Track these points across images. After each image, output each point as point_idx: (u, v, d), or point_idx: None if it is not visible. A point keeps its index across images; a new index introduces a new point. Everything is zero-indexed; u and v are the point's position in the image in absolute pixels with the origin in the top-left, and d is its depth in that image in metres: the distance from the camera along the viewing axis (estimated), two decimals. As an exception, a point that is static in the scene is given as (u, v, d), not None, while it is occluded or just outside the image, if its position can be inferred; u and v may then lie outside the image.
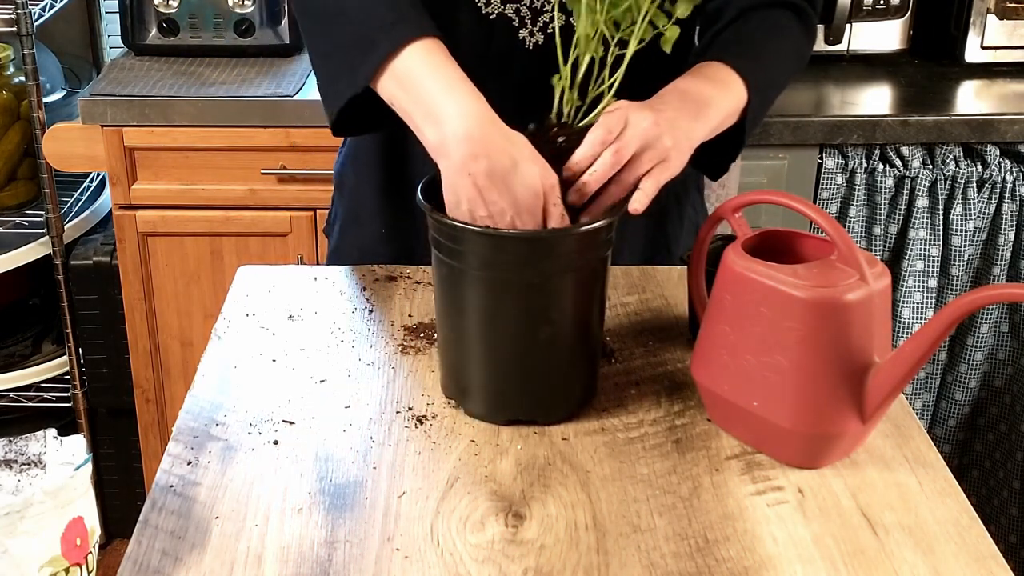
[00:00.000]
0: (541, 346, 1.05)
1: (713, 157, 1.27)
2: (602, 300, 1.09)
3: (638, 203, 1.06)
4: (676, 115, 1.10)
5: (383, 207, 1.39)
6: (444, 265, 1.05)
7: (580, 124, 1.06)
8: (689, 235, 1.44)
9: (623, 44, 1.06)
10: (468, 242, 1.02)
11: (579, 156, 1.04)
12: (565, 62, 1.06)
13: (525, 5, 1.24)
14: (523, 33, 1.25)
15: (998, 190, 2.08)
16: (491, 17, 1.24)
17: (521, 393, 1.07)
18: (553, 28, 1.25)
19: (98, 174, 2.47)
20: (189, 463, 1.02)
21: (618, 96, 1.08)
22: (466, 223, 1.02)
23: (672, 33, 1.04)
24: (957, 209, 2.07)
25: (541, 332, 1.04)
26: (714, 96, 1.17)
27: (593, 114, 1.07)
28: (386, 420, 1.08)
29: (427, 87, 1.05)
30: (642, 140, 1.06)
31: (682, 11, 1.04)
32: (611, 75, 1.06)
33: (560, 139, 1.04)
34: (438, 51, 1.07)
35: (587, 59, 1.05)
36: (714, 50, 1.23)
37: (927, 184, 2.06)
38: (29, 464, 0.96)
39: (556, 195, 1.03)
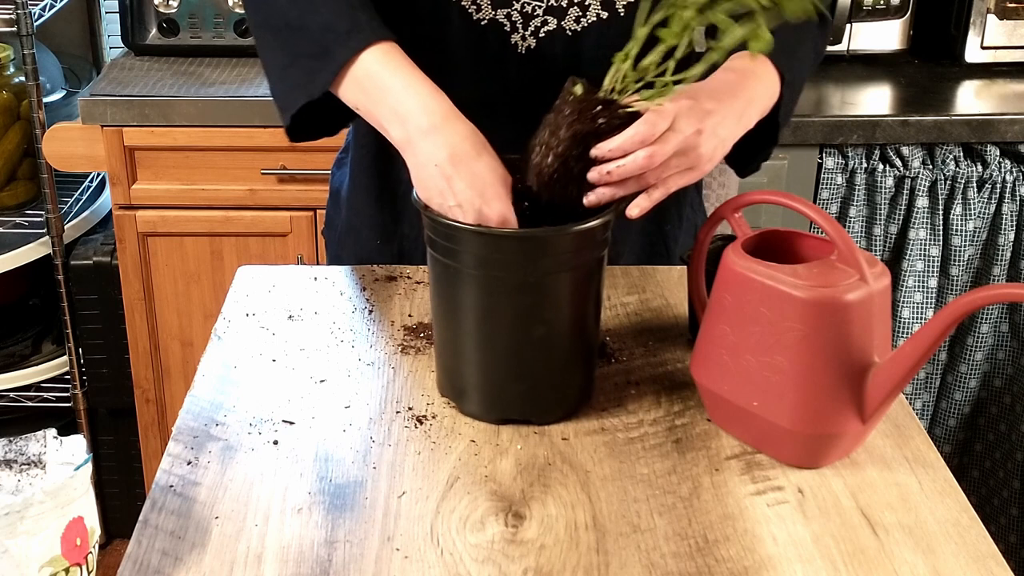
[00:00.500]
0: (536, 346, 1.05)
1: (744, 153, 1.26)
2: (598, 300, 1.09)
3: (638, 208, 1.06)
4: (722, 118, 1.10)
5: (376, 215, 1.40)
6: (440, 264, 1.05)
7: (627, 109, 1.03)
8: (688, 235, 1.44)
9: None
10: (464, 241, 1.02)
11: (614, 146, 1.02)
12: (627, 38, 1.02)
13: (516, 10, 1.24)
14: (515, 38, 1.25)
15: (998, 190, 2.08)
16: (482, 23, 1.24)
17: (516, 393, 1.07)
18: (545, 32, 1.25)
19: (98, 174, 2.47)
20: (189, 463, 1.02)
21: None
22: (462, 222, 1.02)
23: (767, 36, 0.99)
24: (957, 209, 2.07)
25: (536, 332, 1.04)
26: (756, 92, 1.16)
27: (647, 99, 1.03)
28: (386, 420, 1.08)
29: (388, 88, 1.08)
30: (680, 147, 1.05)
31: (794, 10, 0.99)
32: (679, 67, 1.02)
33: (600, 120, 1.02)
34: (395, 53, 1.10)
35: (665, 47, 1.01)
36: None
37: (927, 184, 2.06)
38: (29, 464, 0.96)
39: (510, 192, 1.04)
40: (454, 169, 1.03)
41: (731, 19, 0.99)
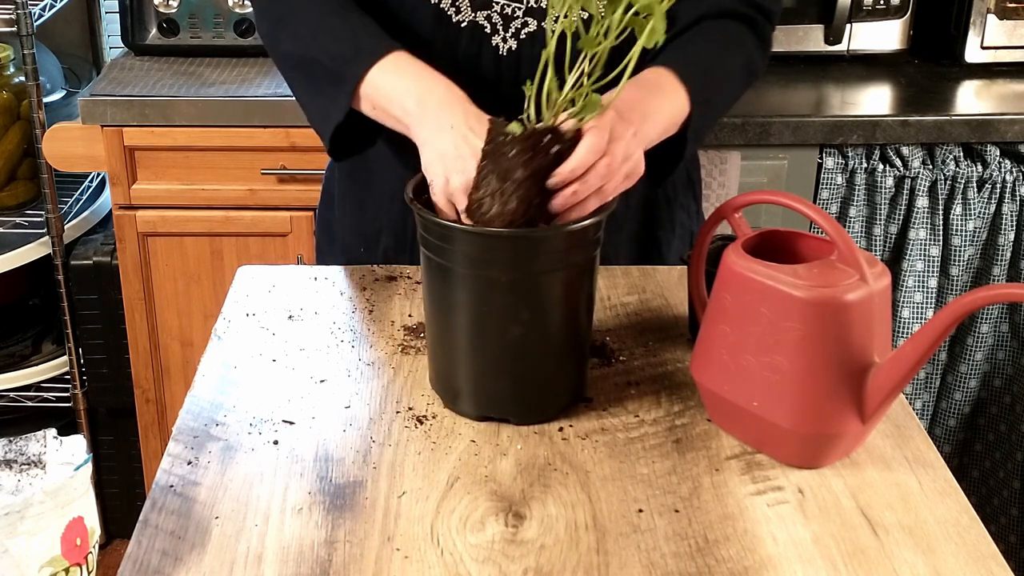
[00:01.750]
0: (528, 345, 1.05)
1: (653, 166, 1.25)
2: (590, 300, 1.09)
3: (576, 215, 1.04)
4: (640, 125, 1.10)
5: (359, 224, 1.42)
6: (432, 262, 1.05)
7: (568, 128, 1.02)
8: (683, 241, 1.43)
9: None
10: (456, 240, 1.02)
11: (573, 166, 1.01)
12: (546, 65, 1.01)
13: (496, 12, 1.24)
14: (496, 40, 1.25)
15: (998, 190, 2.08)
16: (462, 25, 1.24)
17: (508, 392, 1.07)
18: (525, 34, 1.25)
19: (98, 174, 2.47)
20: (189, 463, 1.02)
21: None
22: (456, 222, 1.02)
23: (661, 26, 0.98)
24: (957, 209, 2.07)
25: (528, 331, 1.04)
26: (658, 106, 1.17)
27: (577, 116, 1.02)
28: (386, 420, 1.08)
29: (399, 86, 1.14)
30: (626, 152, 1.05)
31: None
32: (595, 70, 1.01)
33: (554, 148, 1.01)
34: (403, 59, 1.16)
35: (590, 55, 1.00)
36: (663, 57, 1.21)
37: (927, 184, 2.06)
38: (29, 464, 0.96)
39: None
40: (469, 130, 1.06)
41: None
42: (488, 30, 1.25)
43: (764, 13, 1.31)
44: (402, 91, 1.14)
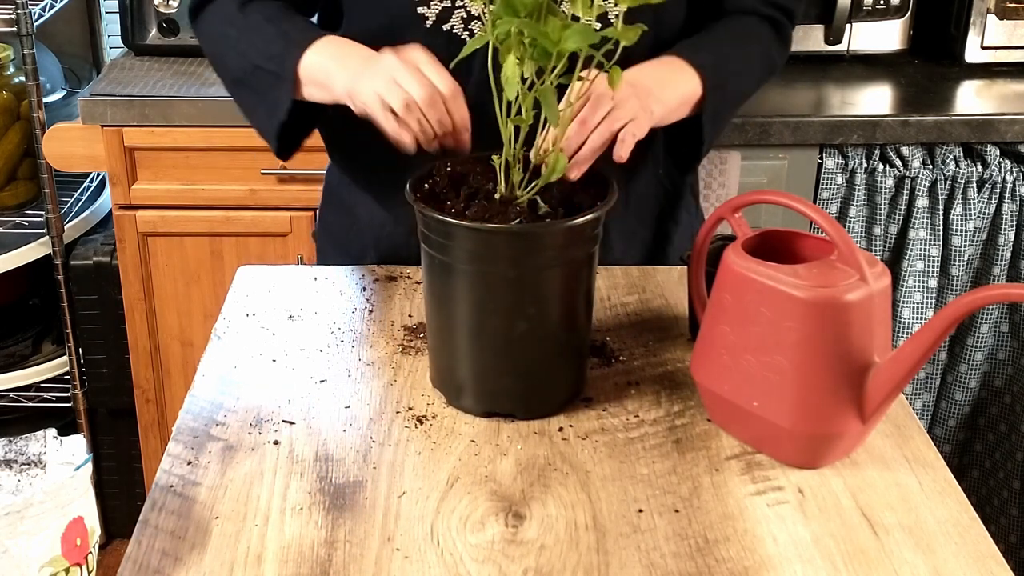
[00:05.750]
0: (527, 340, 1.05)
1: (680, 151, 1.33)
2: (589, 296, 1.09)
3: (623, 151, 1.13)
4: (645, 86, 1.17)
5: (348, 243, 1.44)
6: (432, 258, 1.06)
7: (527, 195, 1.06)
8: (684, 238, 1.44)
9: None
10: (456, 236, 1.02)
11: (573, 143, 1.09)
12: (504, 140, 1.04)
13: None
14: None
15: (998, 190, 2.08)
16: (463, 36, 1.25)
17: (507, 387, 1.08)
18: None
19: (98, 174, 2.47)
20: (189, 463, 1.02)
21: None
22: (455, 219, 1.02)
23: (616, 75, 1.02)
24: (957, 209, 2.07)
25: (527, 326, 1.04)
26: (669, 77, 1.22)
27: (550, 177, 1.05)
28: (386, 420, 1.08)
29: (324, 57, 1.21)
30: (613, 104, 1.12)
31: (630, 37, 0.99)
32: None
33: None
34: (330, 40, 1.22)
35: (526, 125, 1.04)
36: (676, 48, 1.27)
37: (927, 184, 2.06)
38: (29, 464, 0.96)
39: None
40: (400, 64, 1.13)
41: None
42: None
43: (784, 12, 1.35)
44: (327, 59, 1.20)
